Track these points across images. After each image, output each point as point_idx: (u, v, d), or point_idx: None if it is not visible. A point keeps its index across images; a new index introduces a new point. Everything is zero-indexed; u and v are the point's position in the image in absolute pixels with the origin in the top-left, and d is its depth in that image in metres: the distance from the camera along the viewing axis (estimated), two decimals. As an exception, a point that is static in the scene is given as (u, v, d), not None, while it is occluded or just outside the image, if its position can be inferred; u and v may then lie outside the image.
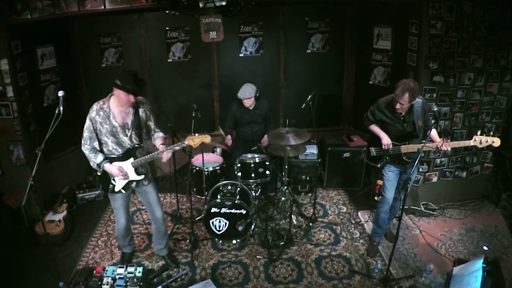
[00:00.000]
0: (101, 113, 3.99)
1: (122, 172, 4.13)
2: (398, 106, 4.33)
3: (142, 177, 4.29)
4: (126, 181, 4.26)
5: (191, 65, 6.70)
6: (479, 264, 4.22)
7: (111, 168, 4.10)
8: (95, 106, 4.00)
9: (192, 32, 6.48)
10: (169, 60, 6.63)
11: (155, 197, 4.54)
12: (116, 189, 4.28)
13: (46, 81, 6.00)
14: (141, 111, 4.17)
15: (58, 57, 6.11)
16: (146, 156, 4.16)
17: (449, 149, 4.29)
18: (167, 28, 6.46)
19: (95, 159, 4.06)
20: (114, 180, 4.24)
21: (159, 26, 6.46)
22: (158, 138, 4.33)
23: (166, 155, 4.12)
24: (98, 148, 4.11)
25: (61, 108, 3.60)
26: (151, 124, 4.33)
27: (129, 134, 4.11)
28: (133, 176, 4.25)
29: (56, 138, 3.85)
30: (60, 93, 3.65)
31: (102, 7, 5.23)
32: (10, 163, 5.70)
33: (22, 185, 4.22)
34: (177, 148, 4.15)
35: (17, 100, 5.44)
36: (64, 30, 6.25)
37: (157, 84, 6.75)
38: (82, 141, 4.07)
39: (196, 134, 4.09)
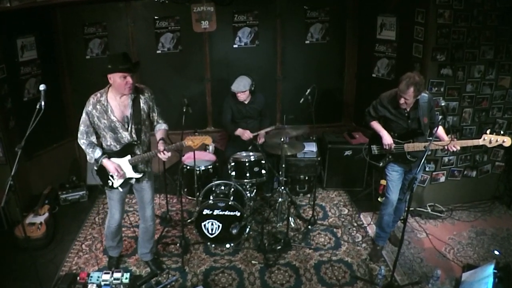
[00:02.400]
0: (98, 106, 3.96)
1: (119, 172, 4.11)
2: (402, 101, 4.30)
3: (141, 175, 4.30)
4: (124, 178, 4.25)
5: (181, 57, 6.67)
6: (489, 270, 4.17)
7: (108, 165, 4.10)
8: (91, 99, 3.98)
9: (183, 21, 6.44)
10: (158, 52, 6.59)
11: (150, 196, 4.55)
12: (115, 186, 4.28)
13: (26, 74, 5.94)
14: (142, 101, 4.12)
15: (39, 48, 6.06)
16: (143, 155, 4.15)
17: (459, 148, 4.27)
18: (156, 17, 6.41)
19: (93, 154, 4.08)
20: (112, 176, 4.24)
21: (147, 15, 6.41)
22: (159, 131, 4.30)
23: (164, 156, 4.09)
24: (96, 142, 4.13)
25: (43, 103, 3.57)
26: (155, 115, 4.30)
27: (129, 129, 4.08)
28: (130, 173, 4.24)
29: (37, 135, 3.84)
30: (42, 87, 3.63)
31: (87, -5, 5.21)
32: (-12, 162, 5.66)
33: (1, 186, 4.17)
34: (174, 147, 4.11)
35: (-5, 95, 5.40)
36: (45, 20, 6.18)
37: (145, 77, 6.63)
38: (79, 135, 4.08)
39: (196, 134, 4.08)
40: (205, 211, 5.13)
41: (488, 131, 4.13)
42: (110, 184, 4.27)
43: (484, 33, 5.31)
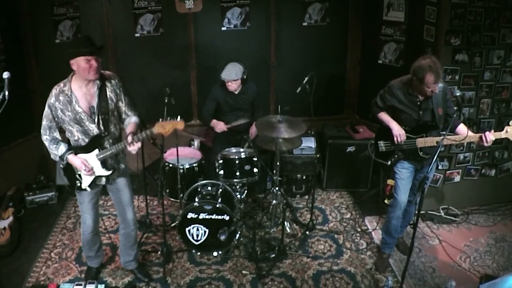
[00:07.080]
0: (61, 97, 3.91)
1: (87, 166, 4.04)
2: (429, 93, 4.24)
3: (110, 172, 4.21)
4: (93, 177, 4.18)
5: (163, 41, 6.64)
6: (510, 281, 4.13)
7: (74, 160, 4.04)
8: (54, 90, 3.94)
9: (165, 0, 6.40)
10: (136, 35, 6.55)
11: (128, 196, 4.50)
12: (83, 186, 4.22)
13: (-12, 60, 5.89)
14: (108, 90, 4.07)
15: (3, 31, 5.98)
16: (112, 148, 4.08)
17: (493, 139, 4.15)
18: (134, -5, 6.40)
19: (57, 151, 4.03)
20: (79, 176, 4.17)
21: (124, -7, 6.39)
22: (129, 125, 4.21)
23: (134, 147, 4.01)
24: (59, 138, 4.08)
25: (7, 93, 3.50)
26: (122, 105, 4.23)
27: (96, 120, 4.03)
28: (99, 171, 4.16)
29: (0, 128, 3.72)
30: (5, 75, 3.56)
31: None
32: None
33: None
34: (144, 136, 4.02)
35: (-47, 83, 5.31)
36: (10, -1, 6.14)
37: (122, 64, 6.66)
38: (41, 130, 4.04)
39: (168, 119, 3.96)
40: (190, 215, 5.09)
41: (511, 123, 4.09)
42: (78, 184, 4.21)
43: (504, 14, 5.26)
